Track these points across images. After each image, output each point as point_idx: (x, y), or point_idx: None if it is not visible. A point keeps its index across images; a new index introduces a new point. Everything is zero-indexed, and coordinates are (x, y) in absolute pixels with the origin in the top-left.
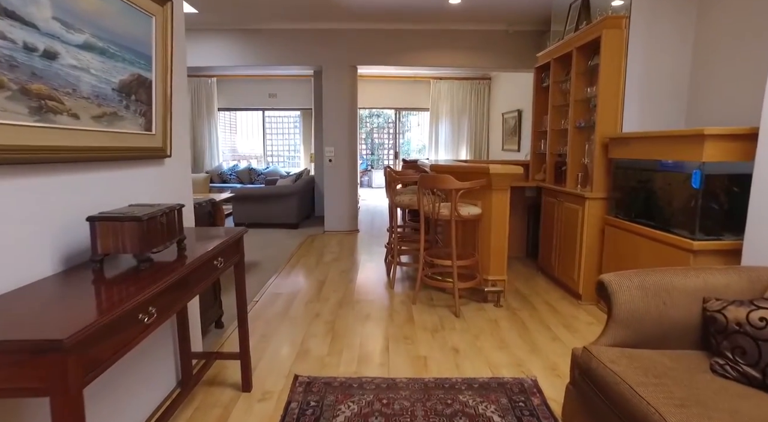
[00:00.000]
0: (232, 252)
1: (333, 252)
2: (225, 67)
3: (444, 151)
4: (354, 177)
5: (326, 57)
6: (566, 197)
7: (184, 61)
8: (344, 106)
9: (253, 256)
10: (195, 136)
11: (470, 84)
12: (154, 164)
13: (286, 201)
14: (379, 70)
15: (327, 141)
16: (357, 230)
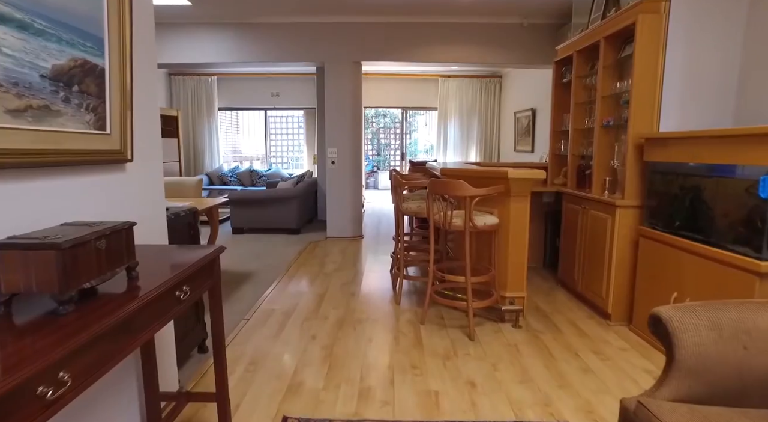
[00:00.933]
0: (203, 277)
1: (335, 261)
2: (223, 65)
3: (453, 152)
4: (358, 180)
5: (328, 53)
6: (592, 204)
7: (151, 48)
8: (348, 105)
9: (249, 265)
10: (195, 136)
11: (480, 82)
12: (111, 170)
13: (286, 205)
14: (384, 67)
15: (329, 142)
16: (361, 237)
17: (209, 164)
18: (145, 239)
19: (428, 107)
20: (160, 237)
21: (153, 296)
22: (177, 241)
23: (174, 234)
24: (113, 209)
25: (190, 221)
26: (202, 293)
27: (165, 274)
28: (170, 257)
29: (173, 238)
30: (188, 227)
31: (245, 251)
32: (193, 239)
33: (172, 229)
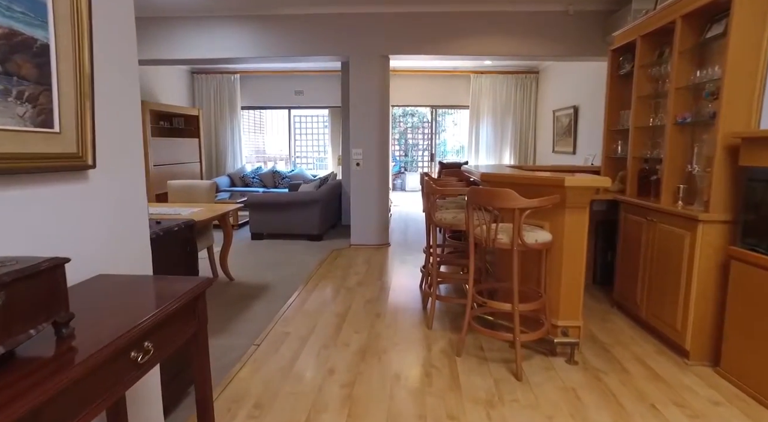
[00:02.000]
0: (179, 323)
1: (358, 273)
2: (244, 61)
3: (485, 153)
4: (385, 184)
5: (354, 46)
6: (662, 217)
7: (128, 23)
8: (374, 102)
9: (264, 276)
10: (217, 136)
11: (515, 78)
12: (62, 180)
13: (308, 209)
14: (413, 62)
15: (354, 142)
16: (388, 244)
17: (231, 164)
18: (116, 268)
19: (459, 105)
20: (139, 263)
21: (86, 368)
22: (170, 262)
23: (166, 254)
24: (67, 233)
25: (186, 236)
26: (179, 345)
27: (116, 327)
28: (132, 298)
29: (165, 259)
30: (184, 244)
31: (262, 259)
32: (190, 259)
33: (163, 248)
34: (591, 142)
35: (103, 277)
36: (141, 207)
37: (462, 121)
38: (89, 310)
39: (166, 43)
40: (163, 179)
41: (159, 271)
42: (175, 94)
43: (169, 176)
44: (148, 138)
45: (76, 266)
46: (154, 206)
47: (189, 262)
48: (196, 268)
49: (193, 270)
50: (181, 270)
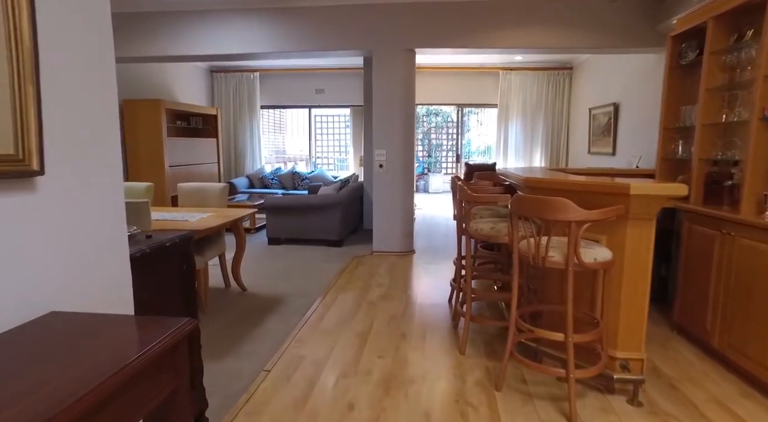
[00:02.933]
0: (146, 384)
1: (381, 284)
2: (262, 56)
3: (514, 155)
4: (410, 187)
5: (377, 39)
6: (743, 230)
7: None
8: (398, 100)
9: (280, 286)
10: (236, 136)
11: (547, 75)
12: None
13: (327, 214)
14: (438, 59)
15: (377, 142)
16: (412, 251)
17: (250, 165)
18: (81, 299)
19: (487, 104)
20: (114, 291)
21: None
22: (161, 285)
23: (157, 276)
24: (5, 257)
25: (182, 252)
26: (147, 411)
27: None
28: (76, 355)
29: (155, 281)
30: (179, 261)
31: (279, 267)
32: (186, 280)
33: (153, 268)
34: (634, 142)
35: (55, 316)
36: (116, 221)
37: (487, 120)
38: (11, 374)
39: (183, 39)
40: (179, 180)
41: (145, 297)
42: (194, 93)
43: (185, 178)
44: (163, 138)
45: (13, 301)
46: (159, 211)
47: (185, 284)
48: (193, 291)
49: (189, 294)
50: (174, 295)
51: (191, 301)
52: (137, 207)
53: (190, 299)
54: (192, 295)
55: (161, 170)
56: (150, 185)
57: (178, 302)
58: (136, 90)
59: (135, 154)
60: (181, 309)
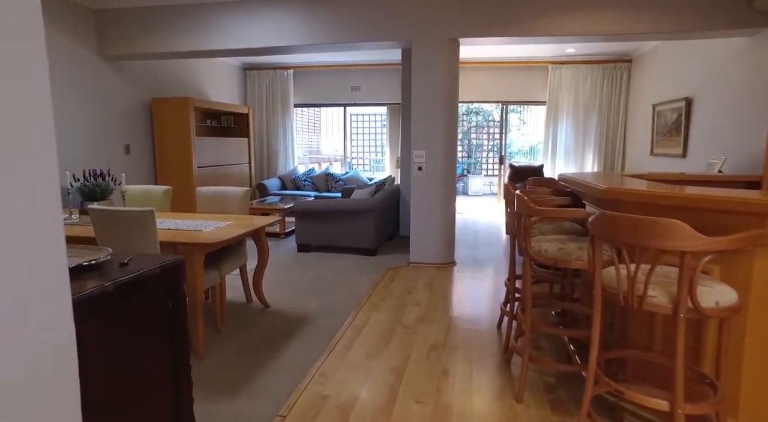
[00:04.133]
0: None
1: (419, 303)
2: (294, 49)
3: (564, 156)
4: (451, 192)
5: (417, 28)
6: None
7: None
8: (440, 95)
9: (305, 303)
10: (268, 136)
11: (602, 68)
12: None
13: (361, 220)
14: (480, 52)
15: (416, 143)
16: (453, 263)
17: (283, 166)
18: None
19: (533, 101)
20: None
21: None
22: (137, 331)
23: (129, 318)
24: None
25: (169, 284)
26: None
27: None
28: None
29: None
30: (165, 295)
31: (306, 278)
32: (174, 317)
33: (122, 310)
34: (711, 142)
35: None
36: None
37: (531, 119)
38: None
39: (215, 33)
40: (208, 182)
41: (112, 349)
42: (225, 91)
43: (214, 180)
44: (192, 138)
45: None
46: (173, 218)
47: (172, 325)
48: (184, 333)
49: (178, 338)
50: (157, 339)
51: (181, 346)
52: (141, 218)
53: (179, 345)
54: (182, 338)
55: (189, 172)
56: (168, 188)
57: (161, 348)
58: (167, 88)
59: (163, 155)
60: (167, 358)
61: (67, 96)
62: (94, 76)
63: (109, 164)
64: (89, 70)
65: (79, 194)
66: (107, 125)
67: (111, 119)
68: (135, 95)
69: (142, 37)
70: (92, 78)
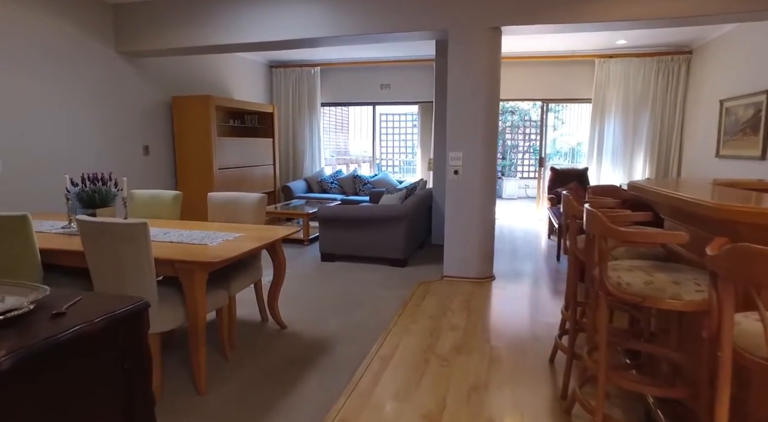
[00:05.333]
0: None
1: (455, 327)
2: (321, 42)
3: (610, 158)
4: (490, 198)
5: (454, 15)
6: None
7: None
8: (479, 90)
9: (327, 323)
10: (294, 136)
11: (656, 62)
12: None
13: (390, 228)
14: (519, 46)
15: (452, 144)
16: (491, 277)
17: (309, 167)
18: None
19: (577, 99)
20: None
21: None
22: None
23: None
24: None
25: (125, 340)
26: None
27: None
28: None
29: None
30: (120, 353)
31: (329, 292)
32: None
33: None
34: None
35: None
36: None
37: (570, 118)
38: None
39: (233, 27)
40: (230, 184)
41: None
42: (250, 89)
43: (236, 182)
44: (212, 137)
45: None
46: (180, 228)
47: (131, 392)
48: (148, 403)
49: (137, 410)
50: (105, 413)
51: (142, 417)
52: (131, 232)
53: (140, 416)
54: (146, 406)
55: (209, 174)
56: (178, 194)
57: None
58: (189, 87)
59: (183, 156)
60: None
61: (83, 94)
62: (112, 73)
63: (128, 165)
64: (107, 68)
65: (77, 201)
66: (126, 125)
67: (129, 118)
68: (155, 94)
69: (161, 32)
70: (110, 76)
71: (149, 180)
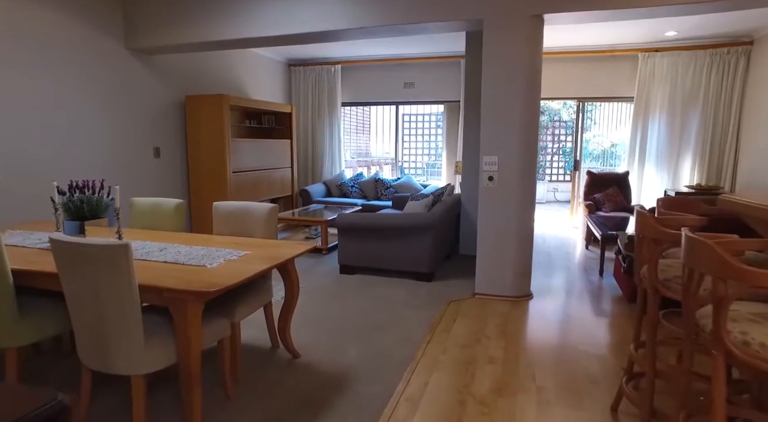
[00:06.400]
0: None
1: (493, 359)
2: (341, 35)
3: (654, 161)
4: (529, 209)
5: (490, 1)
6: None
7: None
8: (518, 86)
9: (345, 354)
10: (314, 137)
11: (710, 55)
12: None
13: (415, 239)
14: (554, 41)
15: (486, 146)
16: (529, 295)
17: (329, 170)
18: None
19: (617, 97)
20: None
21: None
22: None
23: None
24: None
25: None
26: None
27: None
28: None
29: None
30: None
31: (347, 313)
32: None
33: None
34: None
35: None
36: None
37: (602, 118)
38: None
39: (249, 20)
40: (245, 188)
41: None
42: (268, 88)
43: (252, 186)
44: (226, 139)
45: None
46: (179, 242)
47: None
48: None
49: None
50: None
51: None
52: (111, 256)
53: None
54: None
55: (223, 177)
56: (180, 203)
57: None
58: (204, 86)
59: (196, 158)
60: None
61: (91, 93)
62: (121, 72)
63: (137, 168)
64: (115, 66)
65: (64, 212)
66: (136, 126)
67: (140, 119)
68: (167, 93)
69: (173, 27)
70: (119, 74)
71: (160, 184)
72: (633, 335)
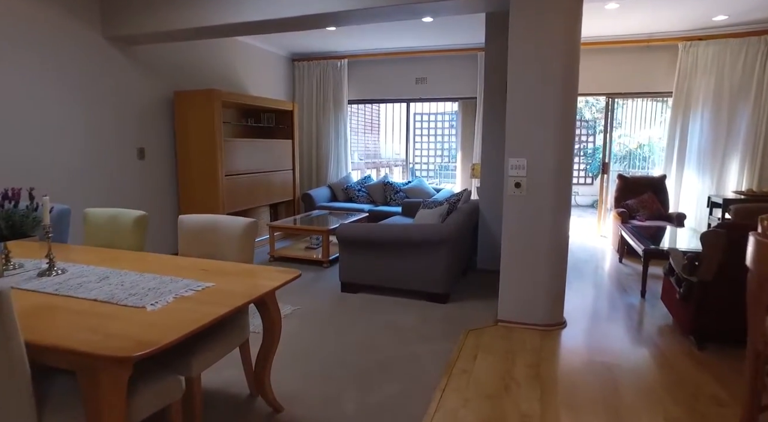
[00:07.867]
0: None
1: (526, 416)
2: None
3: (695, 163)
4: (564, 219)
5: None
6: None
7: None
8: (552, 77)
9: (334, 410)
10: (318, 137)
11: (764, 42)
12: None
13: (427, 254)
14: (585, 28)
15: (513, 148)
16: (562, 324)
17: (334, 172)
18: None
19: (653, 93)
20: None
21: None
22: None
23: None
24: None
25: None
26: None
27: None
28: None
29: None
30: None
31: (346, 346)
32: None
33: None
34: None
35: None
36: None
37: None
38: None
39: (239, 2)
40: (240, 192)
41: None
42: (270, 85)
43: (248, 190)
44: (218, 138)
45: None
46: (127, 267)
47: None
48: None
49: None
50: None
51: None
52: None
53: None
54: None
55: (214, 181)
56: (142, 215)
57: None
58: (198, 81)
59: (186, 160)
60: None
61: (65, 88)
62: (99, 63)
63: (118, 172)
64: (92, 56)
65: None
66: (117, 124)
67: (121, 116)
68: (154, 88)
69: (154, 11)
70: (96, 65)
71: (144, 190)
72: (744, 400)
